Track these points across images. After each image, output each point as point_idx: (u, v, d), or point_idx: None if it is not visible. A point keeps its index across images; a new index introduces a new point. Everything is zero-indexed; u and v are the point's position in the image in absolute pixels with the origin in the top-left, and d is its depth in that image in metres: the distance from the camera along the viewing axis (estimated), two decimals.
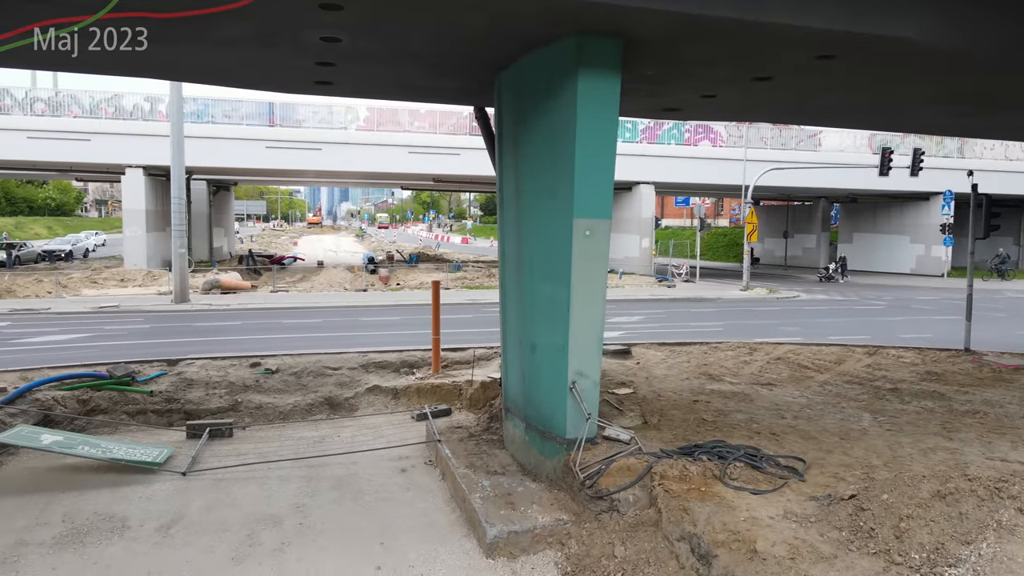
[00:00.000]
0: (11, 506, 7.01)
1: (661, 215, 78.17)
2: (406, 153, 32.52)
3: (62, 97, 30.54)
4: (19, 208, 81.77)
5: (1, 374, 10.47)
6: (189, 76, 8.37)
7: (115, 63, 7.44)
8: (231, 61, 7.27)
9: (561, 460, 6.77)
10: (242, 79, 8.26)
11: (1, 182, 77.12)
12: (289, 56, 6.98)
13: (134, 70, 8.00)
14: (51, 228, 75.24)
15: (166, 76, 8.28)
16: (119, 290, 25.94)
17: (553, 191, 6.62)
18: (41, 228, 73.94)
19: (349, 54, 6.87)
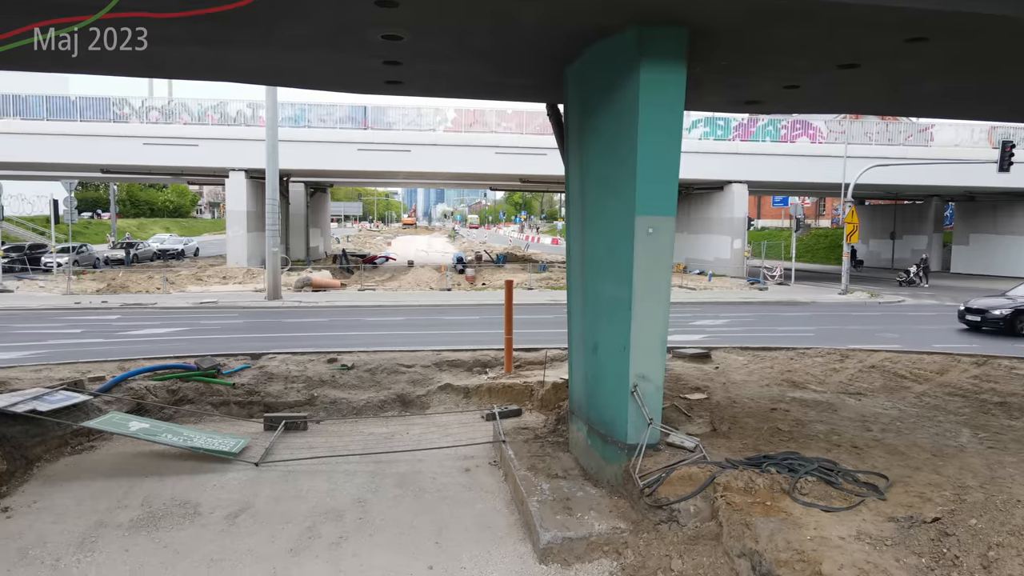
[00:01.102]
0: (97, 488, 7.43)
1: (757, 215, 75.50)
2: (493, 154, 32.74)
3: (174, 105, 32.55)
4: (142, 210, 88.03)
5: (102, 364, 11.17)
6: (266, 78, 8.65)
7: (196, 69, 7.78)
8: (302, 62, 7.44)
9: (622, 466, 6.54)
10: (316, 80, 8.44)
11: (128, 186, 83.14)
12: (356, 56, 7.07)
13: (222, 75, 8.35)
14: (168, 229, 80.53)
15: (246, 79, 8.56)
16: (220, 287, 27.38)
17: (615, 188, 6.40)
18: (159, 229, 79.21)
19: (413, 52, 6.88)
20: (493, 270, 36.34)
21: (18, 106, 32.32)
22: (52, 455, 8.34)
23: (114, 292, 25.37)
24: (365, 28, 6.19)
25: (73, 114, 31.99)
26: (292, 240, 39.05)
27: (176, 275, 29.54)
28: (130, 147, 31.39)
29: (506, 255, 46.24)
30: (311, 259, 40.44)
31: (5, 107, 32.32)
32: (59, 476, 7.82)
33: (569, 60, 7.16)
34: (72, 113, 32.02)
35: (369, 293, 26.46)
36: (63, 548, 6.06)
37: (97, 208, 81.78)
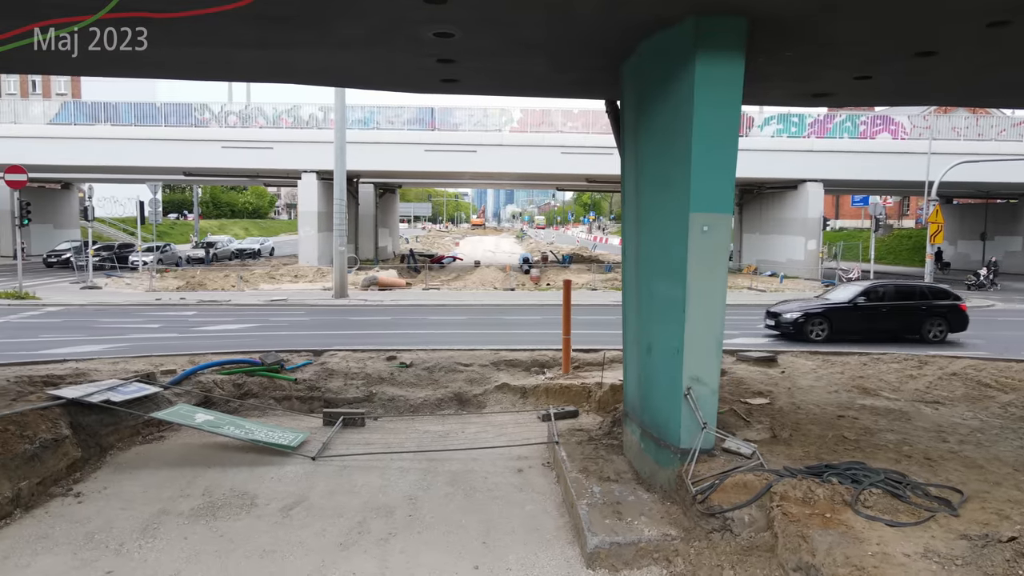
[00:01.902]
0: (163, 477, 7.71)
1: (835, 216, 72.70)
2: (558, 153, 32.60)
3: (250, 110, 33.74)
4: (223, 212, 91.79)
5: (174, 357, 11.62)
6: (327, 79, 8.79)
7: (260, 71, 7.98)
8: (359, 62, 7.53)
9: (675, 470, 6.34)
10: (374, 80, 8.54)
11: (210, 189, 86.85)
12: (410, 54, 7.10)
13: (285, 77, 8.54)
14: (247, 229, 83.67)
15: (308, 81, 8.74)
16: (291, 285, 28.20)
17: (669, 184, 6.21)
18: (239, 229, 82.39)
19: (466, 50, 6.86)
20: (558, 270, 36.18)
21: (109, 113, 34.11)
22: (124, 444, 8.71)
23: (192, 289, 26.48)
24: (417, 26, 6.20)
25: (158, 119, 33.54)
26: (361, 240, 39.88)
27: (251, 274, 30.60)
28: (209, 150, 32.70)
29: (572, 255, 45.99)
30: (379, 259, 41.21)
31: (97, 114, 34.18)
32: (129, 464, 8.16)
33: (625, 55, 7.01)
34: (157, 119, 33.58)
35: (433, 292, 26.75)
36: (127, 533, 6.30)
37: (183, 209, 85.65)
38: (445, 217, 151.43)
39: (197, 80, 8.79)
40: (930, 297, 17.31)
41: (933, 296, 17.35)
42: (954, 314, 16.99)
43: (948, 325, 16.87)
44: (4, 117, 34.07)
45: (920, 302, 17.09)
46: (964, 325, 17.01)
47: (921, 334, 16.79)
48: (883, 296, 17.16)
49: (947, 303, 17.14)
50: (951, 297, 17.42)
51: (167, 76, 8.54)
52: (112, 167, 36.06)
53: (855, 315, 16.86)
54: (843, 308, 16.97)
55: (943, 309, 17.00)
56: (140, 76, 8.57)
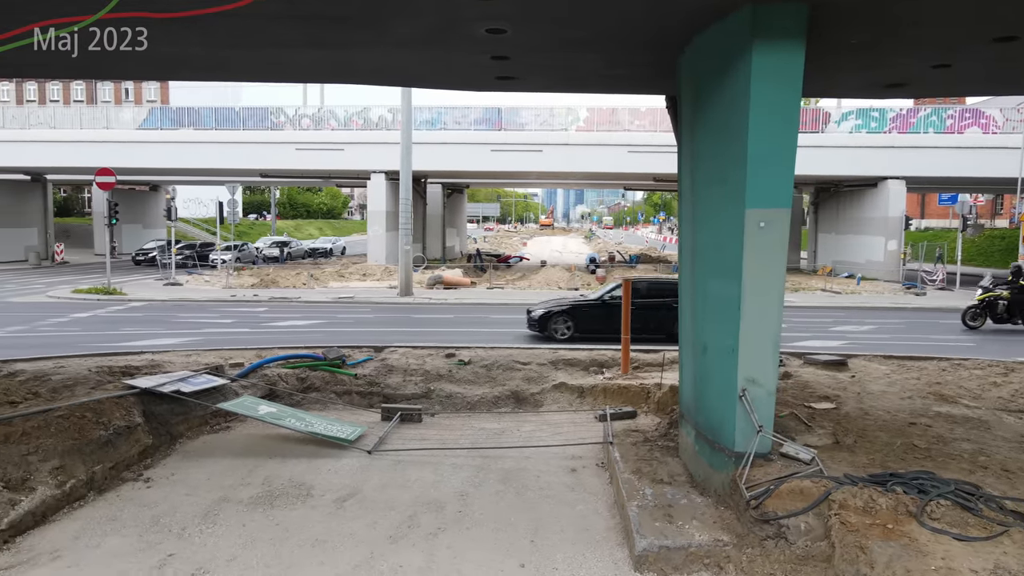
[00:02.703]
0: (227, 466, 7.98)
1: (921, 215, 69.34)
2: (625, 152, 32.24)
3: (323, 113, 34.72)
4: (299, 212, 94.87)
5: (242, 351, 12.04)
6: (386, 78, 8.91)
7: (321, 72, 8.17)
8: (415, 61, 7.62)
9: (729, 474, 6.15)
10: (431, 78, 8.63)
11: (288, 190, 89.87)
12: (464, 52, 7.14)
13: (345, 77, 8.73)
14: (321, 229, 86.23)
15: (368, 81, 8.89)
16: (359, 283, 28.86)
17: (725, 179, 6.03)
18: (314, 229, 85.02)
19: (519, 46, 6.84)
20: (625, 270, 35.77)
21: (192, 117, 35.76)
22: (193, 433, 9.06)
23: (265, 287, 27.43)
24: (470, 23, 6.22)
25: (237, 123, 34.93)
26: (429, 239, 40.46)
27: (321, 272, 31.48)
28: (284, 152, 33.82)
29: (640, 256, 45.41)
30: (447, 258, 41.71)
31: (181, 118, 35.87)
32: (196, 452, 8.48)
33: (681, 48, 6.85)
34: (236, 122, 34.97)
35: (497, 291, 26.88)
36: (189, 519, 6.55)
37: (262, 210, 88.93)
38: (514, 217, 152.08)
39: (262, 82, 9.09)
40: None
41: None
42: None
43: None
44: (98, 123, 36.14)
45: (672, 300, 16.01)
46: None
47: (671, 333, 15.64)
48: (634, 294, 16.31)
49: None
50: None
51: (232, 79, 8.85)
52: (194, 169, 37.77)
53: (601, 313, 16.22)
54: (589, 306, 16.52)
55: None
56: (207, 80, 8.94)
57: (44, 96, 69.16)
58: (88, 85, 69.36)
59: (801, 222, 45.07)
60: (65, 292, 24.87)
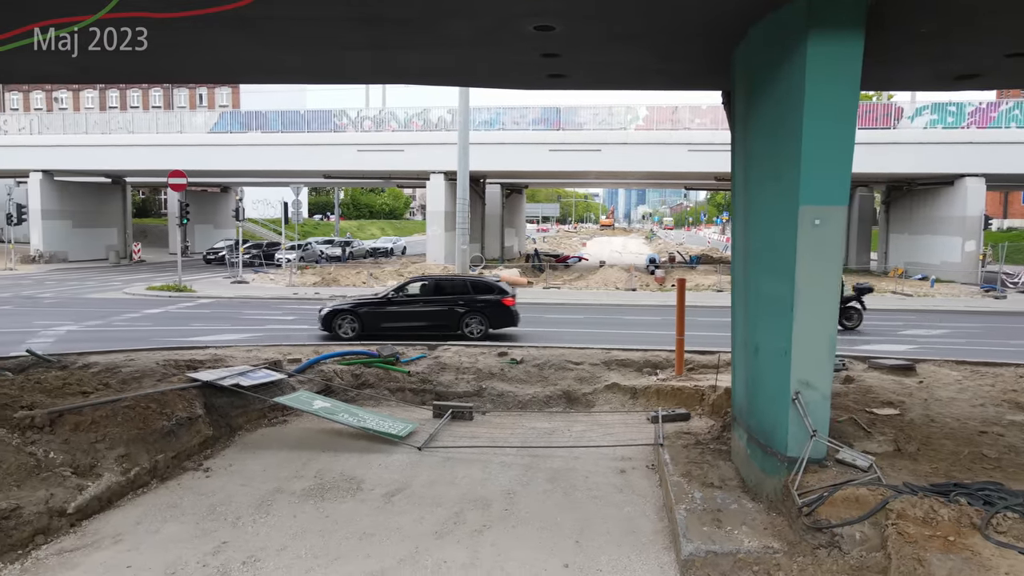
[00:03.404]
0: (282, 458, 8.19)
1: (1004, 214, 65.89)
2: (685, 151, 31.70)
3: (384, 114, 35.33)
4: (362, 212, 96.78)
5: (300, 347, 12.35)
6: (439, 78, 8.99)
7: (378, 73, 8.29)
8: (467, 60, 7.66)
9: (781, 480, 5.96)
10: (483, 78, 8.66)
11: (351, 191, 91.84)
12: (515, 50, 7.14)
13: (401, 77, 8.84)
14: (383, 229, 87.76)
15: (422, 81, 8.98)
16: None
17: (778, 176, 5.85)
18: (376, 229, 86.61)
19: (569, 43, 6.80)
20: (685, 271, 35.19)
21: (260, 121, 36.90)
22: (252, 425, 9.34)
23: (327, 285, 28.08)
24: (519, 20, 6.21)
25: (302, 126, 35.88)
26: (487, 239, 40.67)
27: (380, 271, 32.03)
28: (346, 154, 34.55)
29: (700, 256, 44.60)
30: (505, 258, 41.83)
31: (250, 122, 37.07)
32: (254, 444, 8.74)
33: (735, 42, 6.68)
34: (301, 125, 35.92)
35: (553, 291, 26.81)
36: (244, 508, 6.75)
37: (326, 211, 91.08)
38: (574, 218, 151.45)
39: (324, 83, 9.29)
40: (471, 292, 16.22)
41: (475, 291, 16.43)
42: (496, 309, 16.14)
43: (489, 321, 16.02)
44: (172, 127, 37.71)
45: (459, 297, 16.06)
46: (509, 321, 16.25)
47: (460, 330, 15.70)
48: (421, 291, 16.38)
49: (489, 298, 16.25)
50: (495, 292, 16.49)
51: (296, 81, 9.08)
52: (261, 171, 38.97)
53: (387, 311, 16.01)
54: (374, 303, 16.32)
55: (483, 304, 16.13)
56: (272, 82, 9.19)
57: (125, 102, 72.43)
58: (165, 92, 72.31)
59: (872, 222, 43.45)
60: (140, 289, 26.03)
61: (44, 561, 5.69)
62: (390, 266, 36.05)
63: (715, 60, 7.15)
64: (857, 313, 18.23)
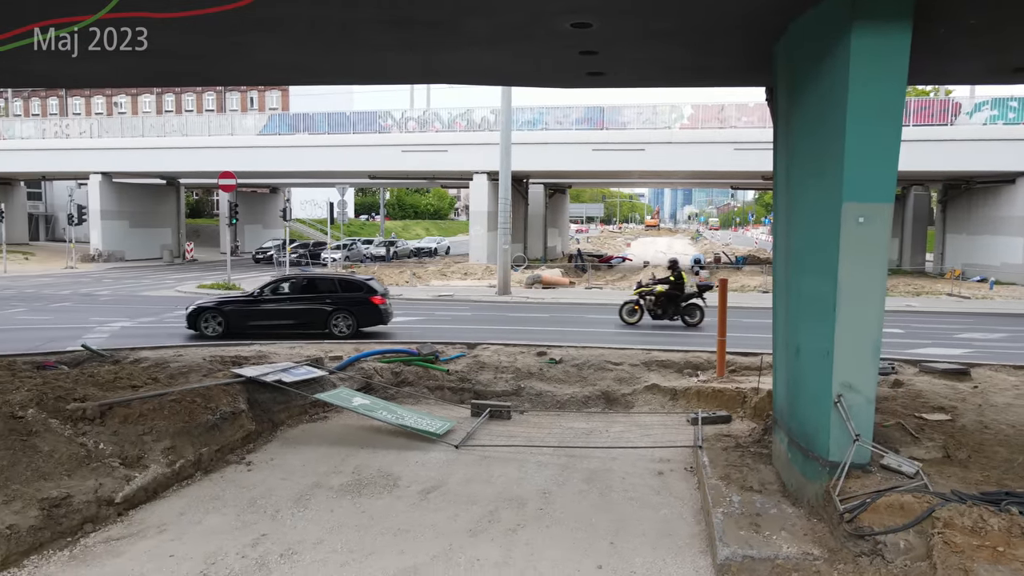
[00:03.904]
0: (322, 454, 8.31)
1: None
2: (731, 150, 31.18)
3: (428, 115, 35.64)
4: (407, 213, 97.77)
5: (341, 345, 12.52)
6: (477, 78, 9.01)
7: (413, 73, 8.36)
8: (504, 59, 7.65)
9: (823, 485, 5.81)
10: (521, 77, 8.67)
11: (397, 191, 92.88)
12: (552, 48, 7.11)
13: (437, 77, 8.91)
14: (428, 229, 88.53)
15: (460, 80, 9.03)
16: (459, 282, 29.39)
17: (820, 172, 5.70)
18: (420, 229, 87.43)
19: (606, 40, 6.74)
20: (730, 272, 34.62)
21: (307, 123, 37.64)
22: (293, 421, 9.50)
23: None
24: (554, 17, 6.18)
25: (348, 128, 36.47)
26: (530, 239, 40.67)
27: (424, 271, 32.30)
28: (391, 154, 34.97)
29: (747, 257, 43.83)
30: (548, 258, 41.79)
31: (297, 124, 37.84)
32: (295, 440, 8.89)
33: (776, 36, 6.53)
34: (347, 127, 36.52)
35: (595, 291, 26.67)
36: (283, 501, 6.87)
37: (372, 211, 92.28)
38: (619, 218, 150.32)
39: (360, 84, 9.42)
40: (339, 290, 15.96)
41: (343, 289, 16.30)
42: (364, 308, 15.99)
43: (356, 320, 15.87)
44: (224, 130, 38.73)
45: (326, 295, 15.77)
46: (377, 319, 16.21)
47: (328, 328, 15.62)
48: (289, 289, 16.00)
49: (356, 296, 16.13)
50: (363, 290, 16.33)
51: (334, 82, 9.21)
52: (308, 172, 39.70)
53: (253, 309, 15.80)
54: (241, 302, 16.13)
55: (351, 303, 15.95)
56: (311, 83, 9.35)
57: (180, 106, 74.61)
58: (218, 95, 74.23)
59: (928, 222, 42.09)
60: (191, 287, 26.78)
61: (92, 548, 5.88)
62: (433, 266, 36.34)
63: (755, 56, 7.00)
64: (699, 310, 18.13)
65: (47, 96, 73.55)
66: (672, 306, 17.92)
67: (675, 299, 17.93)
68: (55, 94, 73.07)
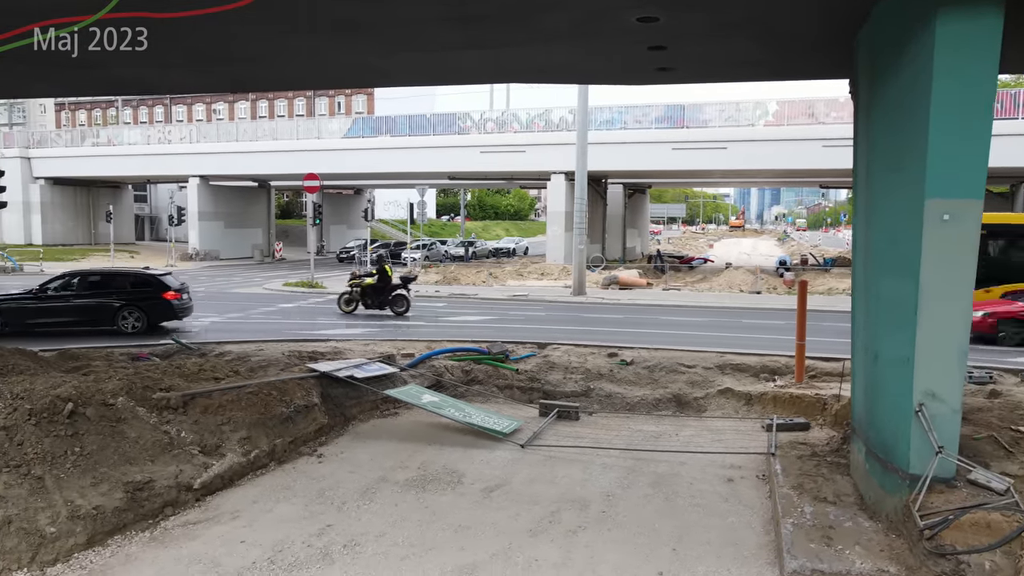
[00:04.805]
0: (390, 449, 8.47)
1: None
2: (819, 147, 29.90)
3: (506, 116, 35.87)
4: (488, 213, 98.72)
5: (414, 342, 12.74)
6: (545, 76, 8.98)
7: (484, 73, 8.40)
8: (571, 56, 7.60)
9: (902, 499, 5.48)
10: (590, 74, 8.61)
11: (478, 193, 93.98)
12: (619, 44, 7.00)
13: (506, 76, 8.96)
14: (508, 230, 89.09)
15: (529, 79, 9.03)
16: (535, 282, 29.42)
17: (899, 165, 5.37)
18: (500, 230, 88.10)
19: (675, 34, 6.59)
20: (817, 274, 33.23)
21: (389, 126, 38.58)
22: (365, 416, 9.72)
23: (448, 283, 28.86)
24: (620, 11, 6.08)
25: (428, 129, 37.15)
26: (608, 240, 40.29)
27: (500, 270, 32.51)
28: (469, 155, 35.38)
29: (836, 259, 41.96)
30: (627, 259, 41.30)
31: (380, 127, 38.84)
32: (365, 434, 9.09)
33: (857, 25, 6.21)
34: (427, 128, 37.20)
35: (673, 293, 26.14)
36: (349, 494, 7.03)
37: (453, 212, 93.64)
38: (702, 219, 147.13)
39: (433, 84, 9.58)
40: (129, 287, 16.02)
41: (133, 285, 16.09)
42: (154, 303, 15.81)
43: (148, 316, 15.72)
44: (311, 133, 40.19)
45: (115, 291, 15.37)
46: (170, 315, 16.06)
47: (116, 325, 15.38)
48: (77, 285, 15.43)
49: (146, 292, 15.96)
50: (154, 286, 16.09)
51: (406, 83, 9.37)
52: (390, 173, 40.68)
53: (36, 307, 15.32)
54: (21, 299, 15.57)
55: (140, 298, 15.80)
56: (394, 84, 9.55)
57: (272, 111, 77.82)
58: (308, 101, 77.04)
59: None
60: (277, 285, 27.90)
61: (171, 531, 6.18)
62: (510, 266, 36.54)
63: (835, 46, 6.68)
64: (405, 300, 19.49)
65: (153, 104, 78.16)
66: (379, 297, 19.24)
67: (381, 291, 19.24)
68: (160, 102, 77.55)
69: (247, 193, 48.54)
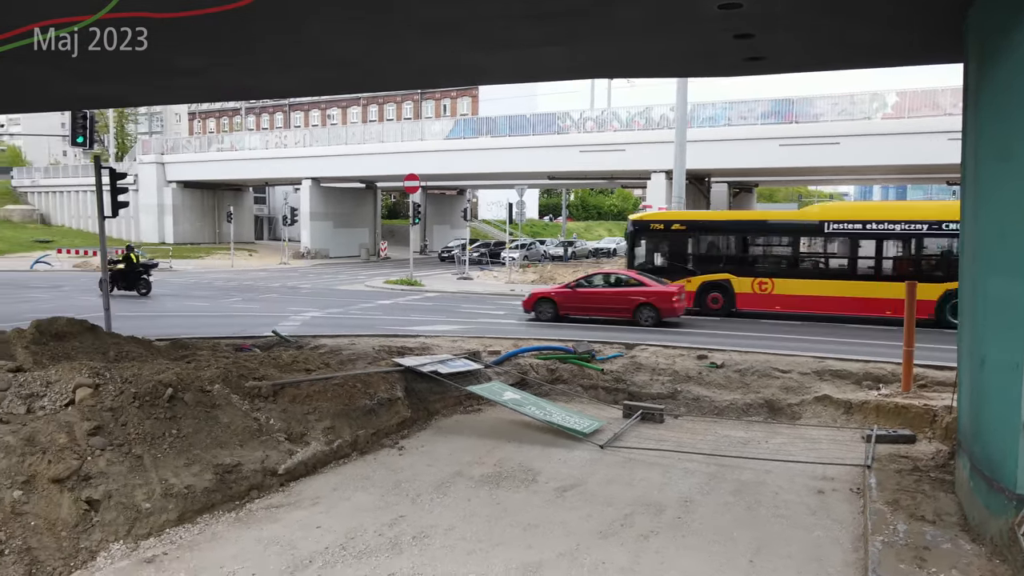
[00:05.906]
0: (469, 444, 8.55)
1: None
2: (944, 140, 27.62)
3: (606, 115, 35.50)
4: (590, 214, 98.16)
5: (501, 340, 12.80)
6: (628, 70, 8.81)
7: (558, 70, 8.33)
8: (653, 48, 7.40)
9: (1008, 521, 4.98)
10: (674, 66, 8.37)
11: (581, 193, 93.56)
12: (699, 33, 6.76)
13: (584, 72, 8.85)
14: (610, 230, 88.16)
15: (609, 74, 8.88)
16: None
17: (1008, 153, 4.87)
18: (603, 230, 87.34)
19: (759, 20, 6.27)
20: None
21: (489, 126, 39.05)
22: (448, 411, 9.86)
23: (544, 283, 28.80)
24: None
25: (528, 130, 37.30)
26: None
27: (597, 269, 32.19)
28: (569, 155, 35.25)
29: None
30: None
31: (480, 128, 39.38)
32: (447, 429, 9.22)
33: (965, 6, 5.69)
34: (527, 129, 37.36)
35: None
36: (425, 487, 7.13)
37: (555, 212, 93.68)
38: None
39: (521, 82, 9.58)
40: None
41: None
42: None
43: None
44: (415, 136, 41.30)
45: None
46: None
47: None
48: None
49: None
50: None
51: (493, 82, 9.42)
52: (490, 173, 41.17)
53: None
54: None
55: None
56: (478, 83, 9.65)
57: (382, 114, 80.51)
58: (415, 103, 79.20)
59: None
60: (378, 282, 28.83)
61: (255, 513, 6.47)
62: (609, 265, 36.15)
63: (939, 30, 6.16)
64: (146, 283, 23.72)
65: (274, 111, 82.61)
66: (126, 280, 23.43)
67: (127, 275, 23.49)
68: (280, 109, 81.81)
69: (355, 194, 50.49)
